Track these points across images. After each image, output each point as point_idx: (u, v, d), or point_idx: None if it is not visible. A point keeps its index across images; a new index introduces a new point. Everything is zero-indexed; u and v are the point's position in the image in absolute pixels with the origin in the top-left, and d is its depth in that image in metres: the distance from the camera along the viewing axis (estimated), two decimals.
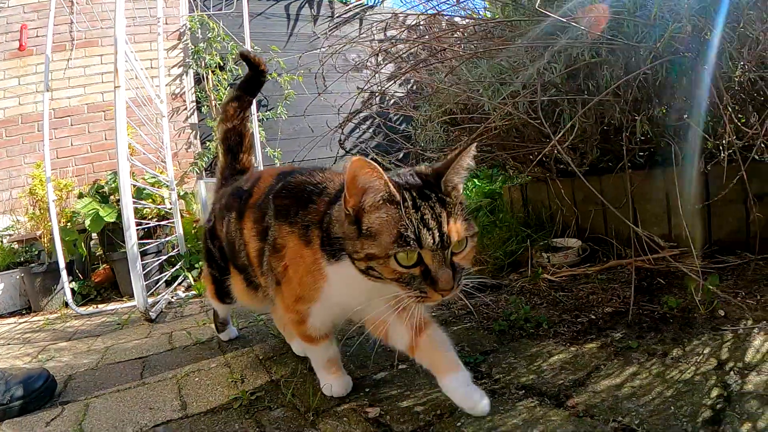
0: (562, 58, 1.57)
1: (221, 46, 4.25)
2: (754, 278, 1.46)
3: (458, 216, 0.86)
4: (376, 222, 0.84)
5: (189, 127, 4.18)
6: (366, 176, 0.82)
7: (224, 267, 1.47)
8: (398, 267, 0.83)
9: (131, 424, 1.12)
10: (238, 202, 1.31)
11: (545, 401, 0.98)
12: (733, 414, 0.84)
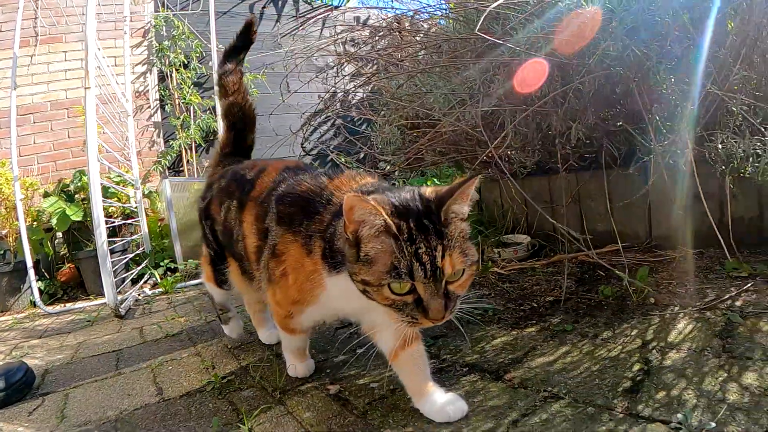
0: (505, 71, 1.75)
1: (186, 44, 4.26)
2: (686, 269, 1.65)
3: (455, 248, 0.85)
4: (372, 251, 0.84)
5: (152, 125, 4.18)
6: (362, 211, 0.82)
7: (218, 249, 1.46)
8: (391, 294, 0.84)
9: (111, 409, 1.22)
10: (240, 191, 1.30)
11: (486, 376, 1.14)
12: (651, 384, 0.98)
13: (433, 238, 0.83)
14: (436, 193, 0.90)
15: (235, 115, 1.61)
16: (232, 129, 1.63)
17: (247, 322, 1.71)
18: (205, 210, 1.48)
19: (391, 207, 0.85)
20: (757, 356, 1.02)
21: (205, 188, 1.55)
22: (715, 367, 1.01)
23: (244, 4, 4.75)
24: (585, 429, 0.86)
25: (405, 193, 0.91)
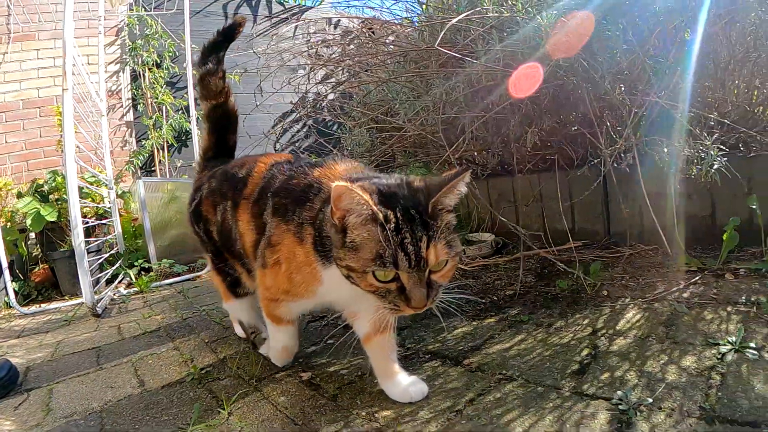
0: (465, 80, 1.88)
1: (159, 43, 4.26)
2: (640, 265, 1.77)
3: (440, 239, 0.86)
4: (357, 238, 0.86)
5: (125, 125, 4.17)
6: (349, 200, 0.83)
7: (215, 250, 1.45)
8: (375, 281, 0.86)
9: (96, 401, 1.29)
10: (234, 191, 1.30)
11: (446, 362, 1.25)
12: (597, 367, 1.10)
13: (418, 229, 0.84)
14: (425, 183, 0.92)
15: (218, 117, 1.58)
16: (214, 132, 1.60)
17: (224, 317, 1.80)
18: (196, 213, 1.46)
19: (378, 196, 0.86)
20: (698, 342, 1.14)
21: (193, 191, 1.52)
22: (658, 351, 1.13)
23: (217, 3, 4.78)
24: (533, 405, 0.97)
25: (393, 181, 0.93)
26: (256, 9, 5.14)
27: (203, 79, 1.56)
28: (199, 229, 1.47)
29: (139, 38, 4.24)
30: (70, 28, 2.21)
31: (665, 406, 0.91)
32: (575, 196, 2.10)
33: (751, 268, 1.53)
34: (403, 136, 1.98)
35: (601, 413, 0.92)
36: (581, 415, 0.91)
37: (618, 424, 0.87)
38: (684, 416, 0.87)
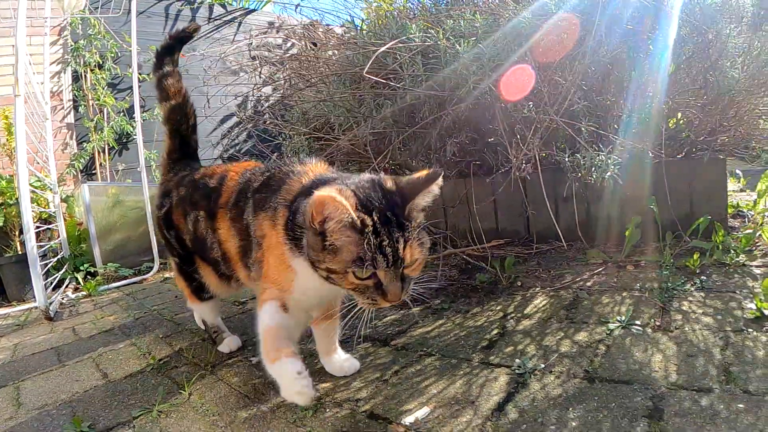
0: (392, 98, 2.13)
1: (101, 44, 4.22)
2: (554, 259, 2.02)
3: (414, 239, 0.91)
4: (338, 242, 0.89)
5: (65, 127, 4.12)
6: (329, 208, 0.86)
7: (184, 255, 1.50)
8: (355, 280, 0.90)
9: (64, 393, 1.43)
10: (207, 201, 1.34)
11: (377, 343, 1.49)
12: (503, 342, 1.32)
13: (395, 231, 0.89)
14: (397, 185, 0.96)
15: (177, 119, 1.60)
16: (175, 134, 1.62)
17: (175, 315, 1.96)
18: (166, 219, 1.51)
19: (356, 201, 0.90)
20: (592, 321, 1.37)
21: (161, 196, 1.56)
22: (557, 329, 1.35)
23: (160, 4, 4.77)
24: (447, 373, 1.21)
25: (366, 183, 0.96)
26: (197, 11, 5.17)
27: (160, 82, 1.61)
28: (169, 236, 1.52)
29: (81, 38, 4.18)
30: (23, 33, 2.24)
31: (555, 371, 1.13)
32: (498, 199, 2.39)
33: (649, 260, 1.81)
34: (339, 146, 2.21)
35: (502, 377, 1.14)
36: (486, 379, 1.15)
37: (515, 384, 1.10)
38: (570, 377, 1.09)
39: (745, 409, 0.88)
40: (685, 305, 1.38)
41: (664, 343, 1.19)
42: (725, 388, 0.95)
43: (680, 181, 2.01)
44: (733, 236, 1.84)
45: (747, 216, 2.16)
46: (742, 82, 1.83)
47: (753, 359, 1.05)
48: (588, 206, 2.17)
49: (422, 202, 0.96)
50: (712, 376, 1.01)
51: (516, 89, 1.99)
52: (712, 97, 1.96)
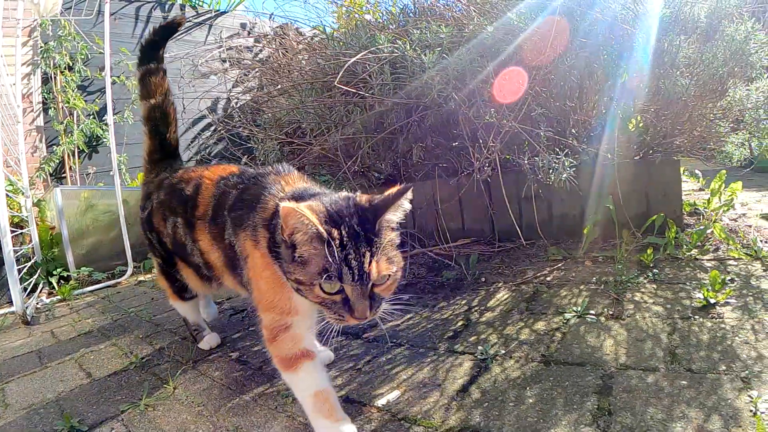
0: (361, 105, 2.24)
1: (71, 45, 4.18)
2: (517, 256, 2.13)
3: (382, 255, 0.91)
4: (305, 254, 0.90)
5: (35, 129, 4.08)
6: (296, 219, 0.87)
7: (166, 256, 1.53)
8: (321, 293, 0.89)
9: (50, 393, 1.49)
10: (184, 209, 1.35)
11: (349, 336, 1.60)
12: (467, 333, 1.44)
13: (362, 245, 0.89)
14: (370, 202, 0.97)
15: (156, 118, 1.60)
16: (155, 134, 1.62)
17: (153, 316, 2.01)
18: (148, 222, 1.54)
19: (325, 215, 0.91)
20: (550, 312, 1.49)
21: (144, 198, 1.58)
22: (517, 320, 1.48)
23: (131, 6, 4.75)
24: (416, 361, 1.32)
25: (340, 200, 0.97)
26: (169, 12, 5.16)
27: (144, 78, 1.62)
28: (151, 237, 1.55)
29: (51, 40, 4.14)
30: None
31: (515, 356, 1.25)
32: (463, 200, 2.52)
33: (606, 256, 1.94)
34: (311, 150, 2.31)
35: (466, 363, 1.26)
36: (451, 365, 1.27)
37: (478, 369, 1.22)
38: (528, 361, 1.21)
39: (688, 385, 1.01)
40: (637, 296, 1.52)
41: (616, 329, 1.32)
42: (670, 368, 1.09)
43: (637, 182, 2.17)
44: (687, 232, 1.98)
45: (702, 213, 2.33)
46: (692, 88, 2.00)
47: (697, 342, 1.18)
48: (549, 206, 2.31)
49: (393, 217, 0.96)
50: (659, 357, 1.14)
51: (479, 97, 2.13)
52: (664, 103, 2.13)
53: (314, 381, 1.05)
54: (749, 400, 0.94)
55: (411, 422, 1.05)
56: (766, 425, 0.86)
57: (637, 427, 0.91)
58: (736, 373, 1.03)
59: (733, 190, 2.27)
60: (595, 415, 0.97)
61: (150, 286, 2.93)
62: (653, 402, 0.98)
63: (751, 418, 0.89)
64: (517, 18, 2.01)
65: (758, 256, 1.67)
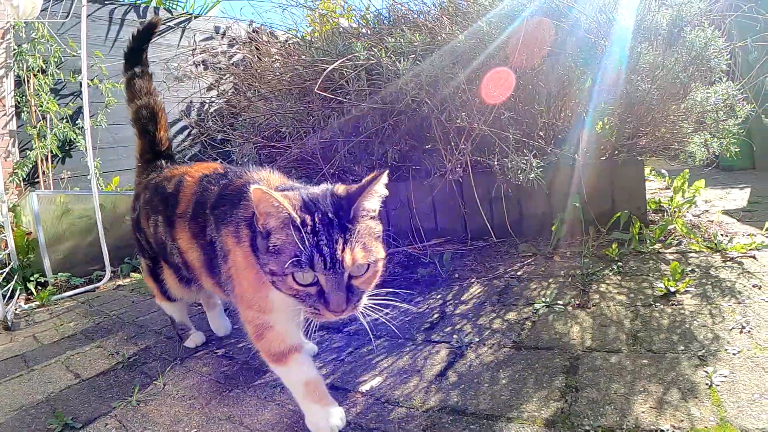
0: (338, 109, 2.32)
1: (45, 48, 4.12)
2: (489, 254, 2.24)
3: (357, 243, 0.88)
4: (278, 241, 0.88)
5: (8, 134, 4.02)
6: (266, 204, 0.86)
7: (154, 257, 1.54)
8: (295, 285, 0.87)
9: (39, 394, 1.52)
10: (165, 206, 1.34)
11: (331, 331, 1.68)
12: (443, 324, 1.55)
13: (335, 231, 0.86)
14: (347, 191, 0.95)
15: (144, 117, 1.62)
16: (144, 134, 1.64)
17: (136, 318, 2.05)
18: (137, 222, 1.56)
19: (300, 202, 0.90)
20: (521, 303, 1.61)
21: (134, 199, 1.61)
22: (490, 311, 1.59)
23: (104, 8, 4.71)
24: (395, 351, 1.42)
25: (318, 191, 0.96)
26: (144, 15, 5.13)
27: (129, 82, 1.67)
28: (140, 237, 1.57)
29: (25, 42, 4.07)
30: None
31: (488, 343, 1.37)
32: (436, 201, 2.62)
33: (573, 251, 2.06)
34: (290, 153, 2.38)
35: (442, 351, 1.37)
36: (429, 353, 1.37)
37: (454, 356, 1.33)
38: (501, 347, 1.33)
39: (648, 364, 1.13)
40: (602, 287, 1.65)
41: (582, 317, 1.44)
42: (632, 349, 1.21)
43: (603, 181, 2.30)
44: (651, 228, 2.12)
45: (666, 210, 2.50)
46: (654, 92, 2.14)
47: (658, 326, 1.31)
48: (519, 205, 2.43)
49: (368, 204, 0.94)
50: (622, 340, 1.26)
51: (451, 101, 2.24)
52: (627, 106, 2.27)
53: (304, 372, 1.09)
54: (705, 375, 1.06)
55: (394, 404, 1.14)
56: (721, 396, 0.97)
57: (602, 400, 1.03)
58: (693, 352, 1.15)
59: (696, 188, 2.43)
60: (563, 392, 1.09)
61: (130, 290, 2.95)
62: (616, 379, 1.09)
63: (707, 390, 1.01)
64: (487, 26, 2.12)
65: (718, 248, 1.81)
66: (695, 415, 0.94)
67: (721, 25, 2.38)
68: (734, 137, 2.41)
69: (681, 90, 2.23)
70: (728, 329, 1.24)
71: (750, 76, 2.55)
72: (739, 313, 1.32)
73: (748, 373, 1.04)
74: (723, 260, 1.72)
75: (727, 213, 2.47)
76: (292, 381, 1.11)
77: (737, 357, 1.11)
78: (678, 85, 2.19)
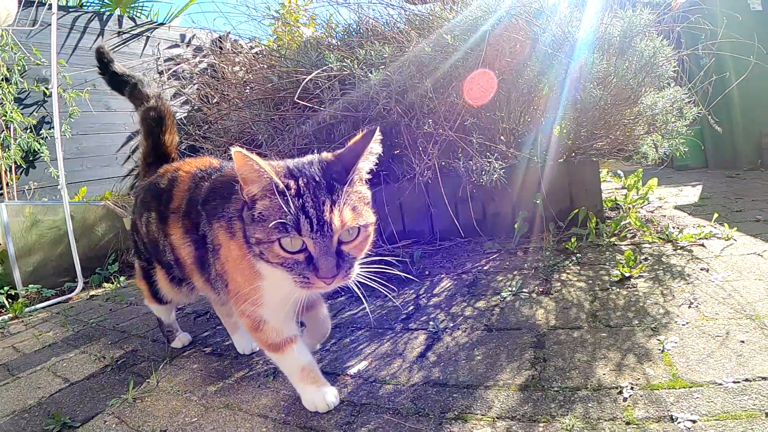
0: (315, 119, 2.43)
1: (8, 56, 4.05)
2: (456, 252, 2.37)
3: (346, 204, 0.85)
4: (263, 208, 0.86)
5: None
6: (248, 169, 0.84)
7: (149, 258, 1.53)
8: (282, 252, 0.84)
9: (31, 399, 1.53)
10: (158, 202, 1.32)
11: None
12: (418, 314, 1.67)
13: (322, 193, 0.84)
14: (336, 155, 0.94)
15: (151, 119, 1.63)
16: (149, 135, 1.64)
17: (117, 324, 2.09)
18: (134, 224, 1.56)
19: (284, 169, 0.89)
20: (489, 293, 1.76)
21: (134, 202, 1.61)
22: (461, 301, 1.73)
23: (68, 17, 4.66)
24: (377, 339, 1.53)
25: (305, 160, 0.95)
26: (106, 23, 5.09)
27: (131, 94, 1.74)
28: (137, 239, 1.56)
29: None
30: None
31: (462, 327, 1.51)
32: (404, 203, 2.75)
33: (535, 246, 2.23)
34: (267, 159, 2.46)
35: (421, 336, 1.50)
36: (408, 339, 1.50)
37: (432, 340, 1.46)
38: (474, 330, 1.48)
39: (607, 336, 1.30)
40: (563, 276, 1.82)
41: (546, 302, 1.61)
42: (592, 326, 1.38)
43: (562, 181, 2.50)
44: (608, 223, 2.32)
45: (622, 207, 2.72)
46: (607, 98, 2.33)
47: (615, 306, 1.49)
48: (483, 206, 2.60)
49: (361, 164, 0.92)
50: (582, 319, 1.43)
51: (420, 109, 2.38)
52: (582, 111, 2.46)
53: (300, 359, 1.14)
54: (658, 342, 1.23)
55: (381, 383, 1.26)
56: (672, 358, 1.15)
57: (568, 367, 1.19)
58: (647, 325, 1.33)
59: (649, 185, 2.66)
60: (533, 363, 1.24)
61: (105, 299, 2.95)
62: (579, 350, 1.25)
63: (660, 354, 1.18)
64: (451, 38, 2.28)
65: (670, 239, 2.03)
66: (650, 374, 1.11)
67: (670, 35, 2.63)
68: (684, 138, 2.65)
69: (632, 95, 2.44)
70: (678, 305, 1.43)
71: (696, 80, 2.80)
72: (687, 292, 1.51)
73: (695, 339, 1.22)
74: (674, 249, 1.93)
75: (678, 208, 2.70)
76: (288, 367, 1.16)
77: (686, 327, 1.30)
78: (629, 90, 2.41)
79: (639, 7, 2.40)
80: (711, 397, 0.98)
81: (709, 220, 2.24)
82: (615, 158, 2.92)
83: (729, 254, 1.80)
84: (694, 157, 4.39)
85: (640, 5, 2.44)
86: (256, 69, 2.94)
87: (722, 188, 3.28)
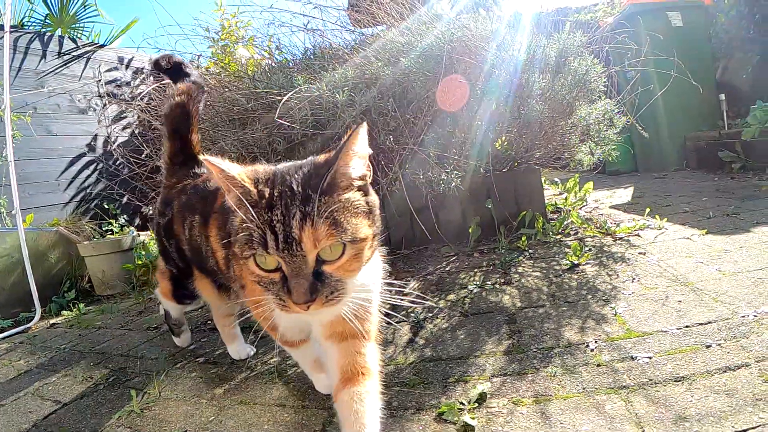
0: (285, 138, 2.56)
1: None
2: (416, 258, 2.60)
3: (323, 217, 0.74)
4: (236, 219, 0.79)
5: None
6: (220, 177, 0.78)
7: (182, 267, 1.48)
8: (257, 269, 0.77)
9: (24, 423, 1.50)
10: (203, 203, 1.25)
11: None
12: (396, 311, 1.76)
13: (295, 204, 0.74)
14: (326, 158, 0.83)
15: (176, 117, 1.56)
16: (175, 134, 1.57)
17: (94, 346, 2.10)
18: (167, 228, 1.48)
19: (267, 174, 0.80)
20: (456, 288, 2.00)
21: (163, 205, 1.52)
22: (432, 297, 1.94)
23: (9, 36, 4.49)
24: None
25: (300, 162, 0.86)
26: (47, 44, 4.96)
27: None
28: (169, 246, 1.50)
29: None
30: None
31: (440, 316, 1.74)
32: None
33: (490, 247, 2.52)
34: None
35: (405, 327, 1.70)
36: (394, 329, 1.68)
37: (416, 328, 1.68)
38: (452, 317, 1.71)
39: (567, 309, 1.58)
40: (520, 269, 2.09)
41: (509, 290, 1.87)
42: (553, 303, 1.65)
43: (508, 188, 2.77)
44: (552, 223, 2.63)
45: (562, 210, 3.03)
46: (546, 112, 2.62)
47: (569, 287, 1.77)
48: (437, 215, 2.81)
49: (347, 169, 0.80)
50: (544, 300, 1.70)
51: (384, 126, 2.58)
52: (523, 124, 2.74)
53: (312, 353, 1.21)
54: (611, 309, 1.54)
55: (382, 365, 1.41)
56: (624, 318, 1.44)
57: (540, 334, 1.45)
58: (599, 298, 1.63)
59: (586, 189, 3.00)
60: (510, 334, 1.49)
61: (68, 326, 2.89)
62: (547, 321, 1.51)
63: (614, 317, 1.47)
64: (408, 62, 2.50)
65: (609, 232, 2.38)
66: (609, 331, 1.40)
67: (600, 54, 2.99)
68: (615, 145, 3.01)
69: (567, 108, 2.76)
70: (623, 281, 1.75)
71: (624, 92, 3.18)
72: (629, 271, 1.84)
73: (641, 303, 1.54)
74: (614, 240, 2.23)
75: (614, 207, 3.06)
76: (302, 358, 1.25)
77: (632, 296, 1.62)
78: (565, 104, 2.72)
79: (568, 26, 2.74)
80: (661, 341, 1.28)
81: (642, 215, 2.57)
82: (552, 167, 3.26)
83: (662, 240, 2.13)
84: (624, 162, 4.88)
85: (569, 24, 2.79)
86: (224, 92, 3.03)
87: (652, 188, 3.71)
